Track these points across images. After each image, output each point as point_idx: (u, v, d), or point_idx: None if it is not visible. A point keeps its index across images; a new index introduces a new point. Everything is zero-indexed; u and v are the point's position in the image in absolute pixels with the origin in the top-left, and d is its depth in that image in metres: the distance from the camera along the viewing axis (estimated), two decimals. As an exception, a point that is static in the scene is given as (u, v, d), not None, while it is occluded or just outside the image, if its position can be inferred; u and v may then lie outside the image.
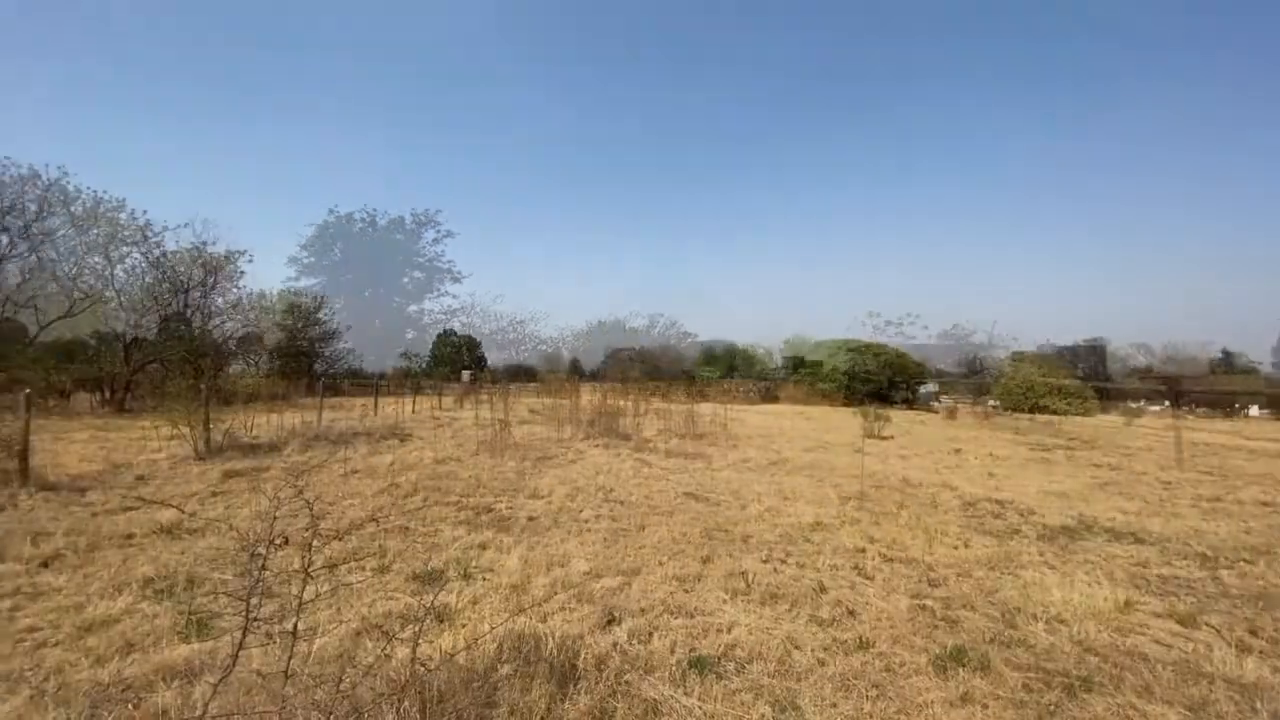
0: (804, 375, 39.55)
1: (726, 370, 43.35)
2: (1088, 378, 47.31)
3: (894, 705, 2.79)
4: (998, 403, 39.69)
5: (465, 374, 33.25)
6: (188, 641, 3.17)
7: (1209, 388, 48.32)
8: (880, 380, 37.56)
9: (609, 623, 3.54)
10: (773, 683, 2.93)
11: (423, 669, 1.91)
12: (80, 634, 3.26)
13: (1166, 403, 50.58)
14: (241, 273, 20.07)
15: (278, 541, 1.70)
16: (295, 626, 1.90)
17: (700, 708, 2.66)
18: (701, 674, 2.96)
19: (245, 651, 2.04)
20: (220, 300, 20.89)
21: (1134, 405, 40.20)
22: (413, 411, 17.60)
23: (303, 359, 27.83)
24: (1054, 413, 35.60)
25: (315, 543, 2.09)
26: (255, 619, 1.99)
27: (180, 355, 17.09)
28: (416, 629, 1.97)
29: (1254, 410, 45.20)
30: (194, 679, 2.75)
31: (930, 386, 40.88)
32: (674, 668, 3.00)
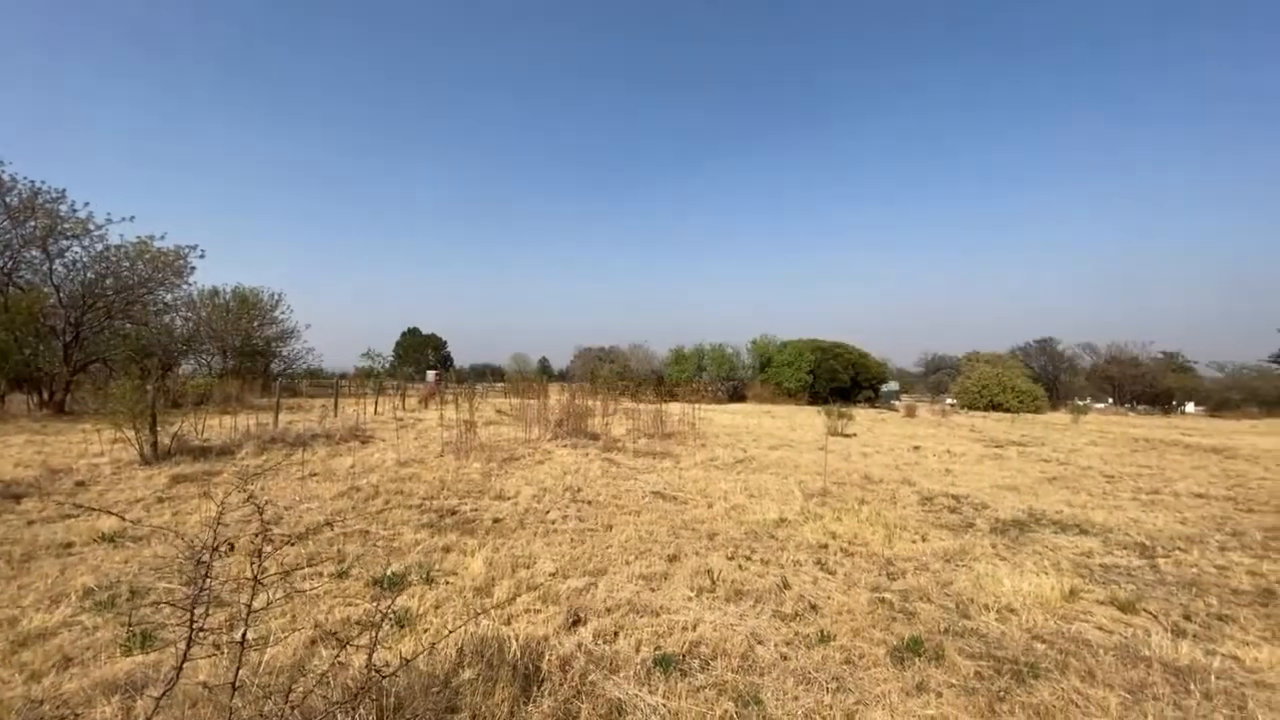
0: (771, 375, 40.10)
1: (695, 370, 43.63)
2: (1039, 376, 49.37)
3: (853, 697, 2.86)
4: (955, 401, 41.13)
5: (430, 374, 32.57)
6: (130, 654, 3.02)
7: (1149, 386, 50.96)
8: (844, 380, 38.44)
9: (574, 623, 3.52)
10: (736, 679, 2.97)
11: (378, 676, 1.86)
12: (14, 648, 3.08)
13: (1111, 400, 53.18)
14: (192, 268, 19.18)
15: (223, 548, 1.63)
16: (244, 636, 1.83)
17: (664, 705, 2.68)
18: (666, 672, 2.97)
19: (190, 663, 1.95)
20: (169, 297, 19.96)
21: (1081, 402, 42.12)
22: (375, 413, 17.16)
23: (259, 358, 26.82)
24: (1008, 410, 37.06)
25: (267, 548, 2.01)
26: (202, 629, 1.91)
27: (125, 354, 16.27)
28: (373, 635, 1.92)
29: (1190, 406, 47.96)
30: (136, 693, 2.62)
31: (892, 385, 42.00)
32: (639, 667, 3.00)
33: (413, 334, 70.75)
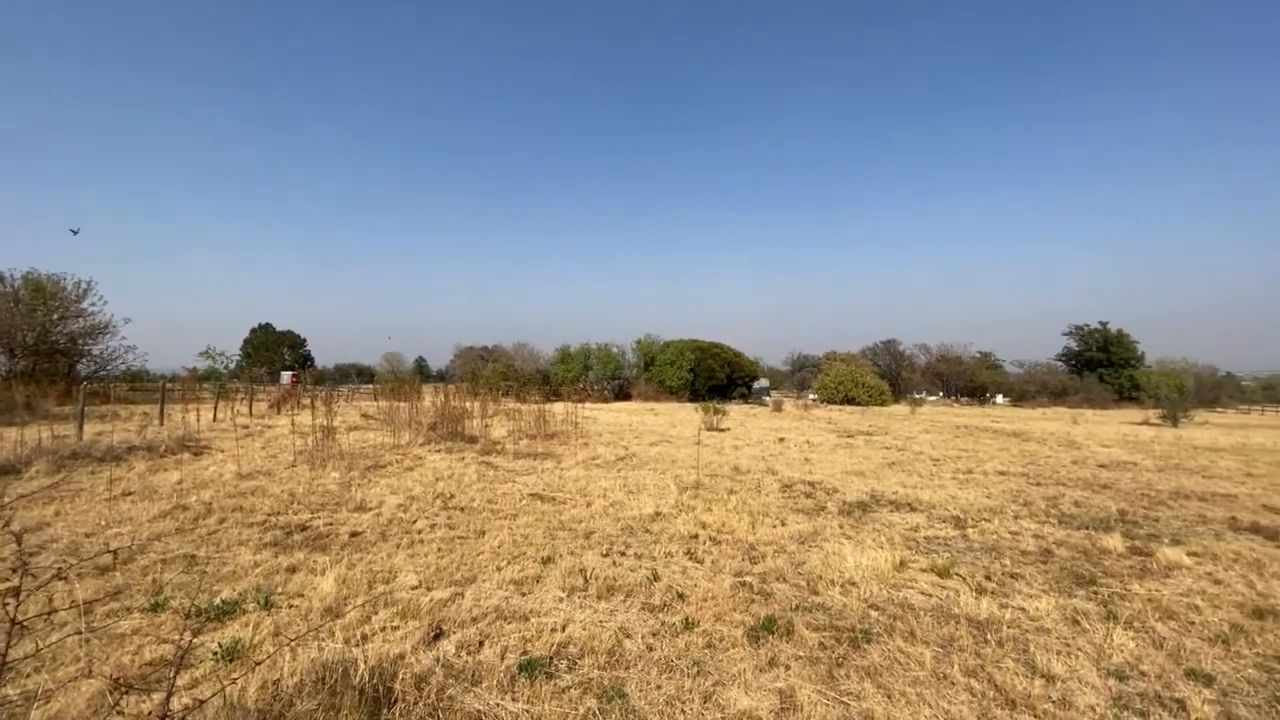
0: (654, 373, 41.18)
1: (582, 369, 43.62)
2: (884, 373, 55.62)
3: (712, 679, 3.00)
4: (816, 396, 45.08)
5: (285, 375, 29.39)
6: None
7: (969, 381, 59.39)
8: (721, 378, 40.51)
9: (436, 637, 3.34)
10: (602, 675, 2.99)
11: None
12: None
13: (941, 393, 61.25)
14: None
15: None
16: (-6, 695, 1.51)
17: (527, 711, 2.63)
18: (531, 677, 2.92)
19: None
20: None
21: (918, 396, 48.09)
22: (214, 420, 15.14)
23: (60, 359, 22.44)
24: (859, 403, 41.31)
25: (63, 584, 1.67)
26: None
27: None
28: (171, 674, 1.67)
29: (999, 398, 56.60)
30: None
31: (763, 382, 44.95)
32: (503, 675, 2.92)
33: (264, 330, 63.41)
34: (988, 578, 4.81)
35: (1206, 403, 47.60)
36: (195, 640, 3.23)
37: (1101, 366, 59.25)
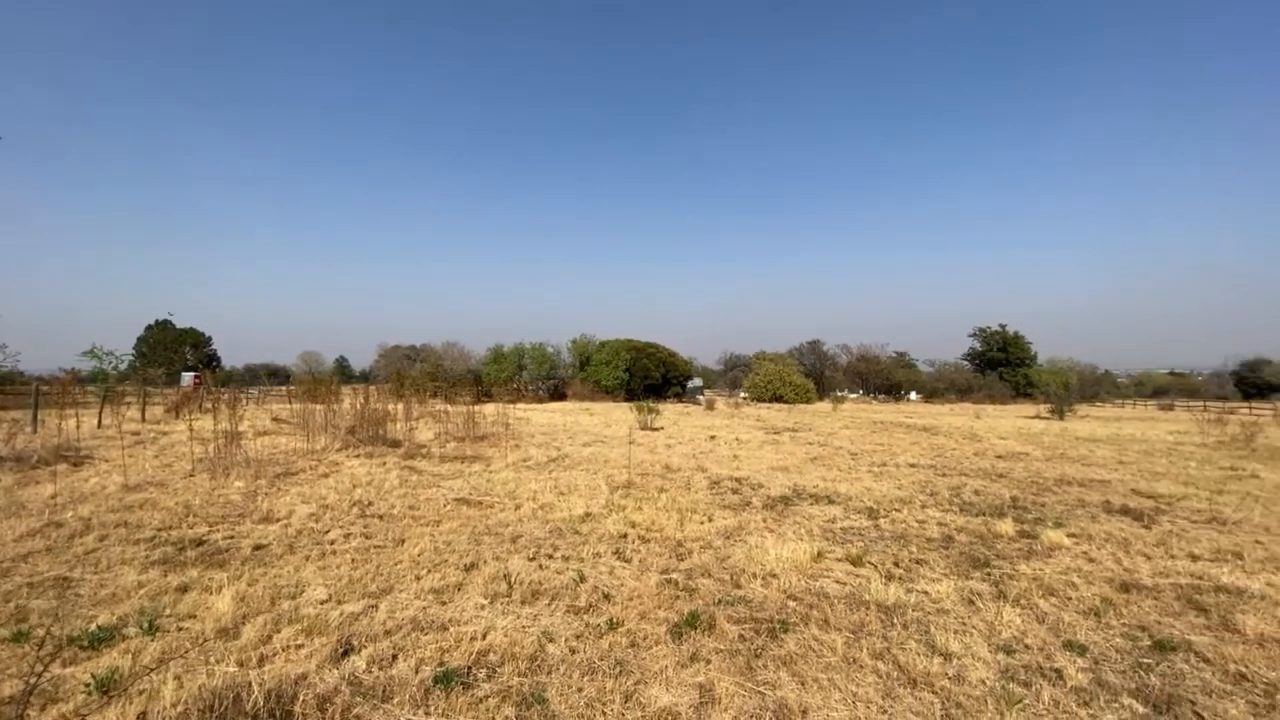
0: (590, 373, 41.03)
1: (516, 369, 42.80)
2: (810, 372, 58.15)
3: (634, 678, 3.02)
4: (747, 394, 46.48)
5: (187, 376, 27.03)
6: None
7: (886, 379, 63.15)
8: (656, 377, 40.94)
9: (344, 654, 3.16)
10: (522, 681, 2.94)
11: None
12: None
13: (861, 390, 64.72)
14: None
15: None
16: None
17: (441, 725, 2.54)
18: (448, 688, 2.82)
19: None
20: None
21: (840, 394, 50.59)
22: (98, 426, 13.72)
23: (-95, 360, 19.54)
24: (786, 401, 42.96)
25: None
26: None
27: None
28: (18, 712, 1.48)
29: (913, 395, 60.49)
30: None
31: (697, 382, 45.81)
32: (416, 689, 2.80)
33: (162, 328, 58.06)
34: (896, 564, 5.10)
35: (1088, 398, 52.89)
36: (63, 671, 2.90)
37: (1001, 365, 64.54)
